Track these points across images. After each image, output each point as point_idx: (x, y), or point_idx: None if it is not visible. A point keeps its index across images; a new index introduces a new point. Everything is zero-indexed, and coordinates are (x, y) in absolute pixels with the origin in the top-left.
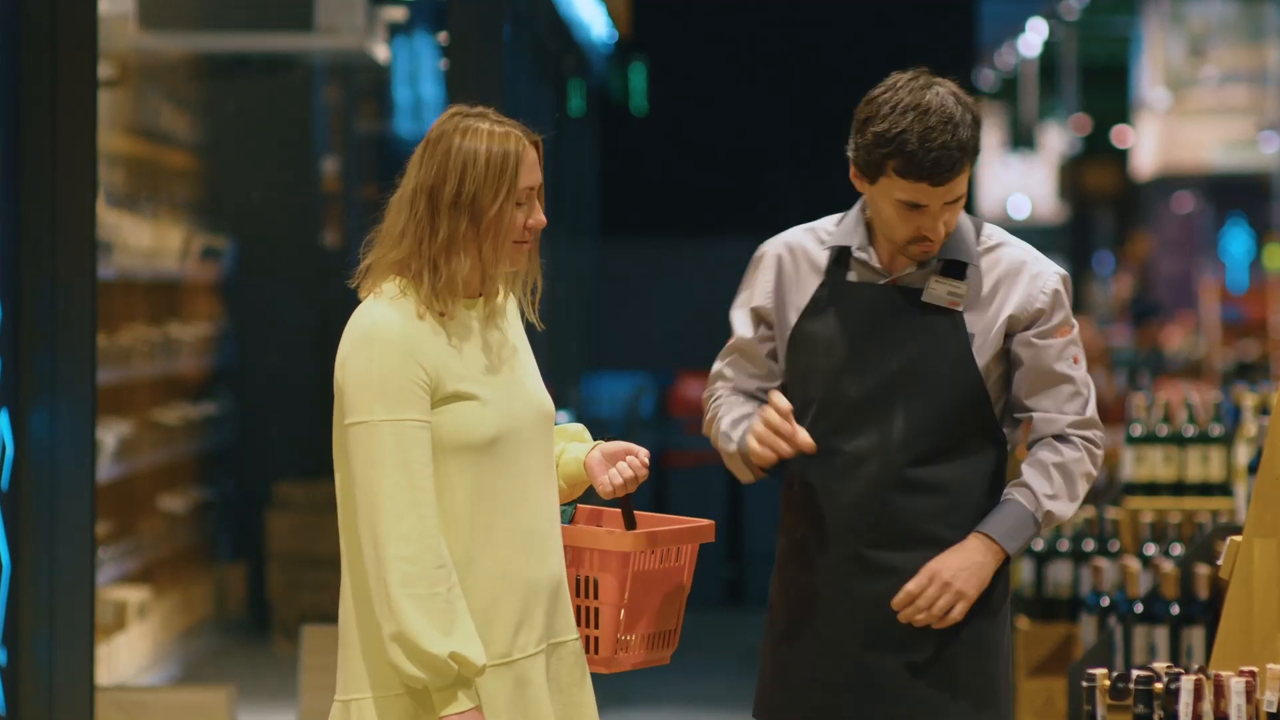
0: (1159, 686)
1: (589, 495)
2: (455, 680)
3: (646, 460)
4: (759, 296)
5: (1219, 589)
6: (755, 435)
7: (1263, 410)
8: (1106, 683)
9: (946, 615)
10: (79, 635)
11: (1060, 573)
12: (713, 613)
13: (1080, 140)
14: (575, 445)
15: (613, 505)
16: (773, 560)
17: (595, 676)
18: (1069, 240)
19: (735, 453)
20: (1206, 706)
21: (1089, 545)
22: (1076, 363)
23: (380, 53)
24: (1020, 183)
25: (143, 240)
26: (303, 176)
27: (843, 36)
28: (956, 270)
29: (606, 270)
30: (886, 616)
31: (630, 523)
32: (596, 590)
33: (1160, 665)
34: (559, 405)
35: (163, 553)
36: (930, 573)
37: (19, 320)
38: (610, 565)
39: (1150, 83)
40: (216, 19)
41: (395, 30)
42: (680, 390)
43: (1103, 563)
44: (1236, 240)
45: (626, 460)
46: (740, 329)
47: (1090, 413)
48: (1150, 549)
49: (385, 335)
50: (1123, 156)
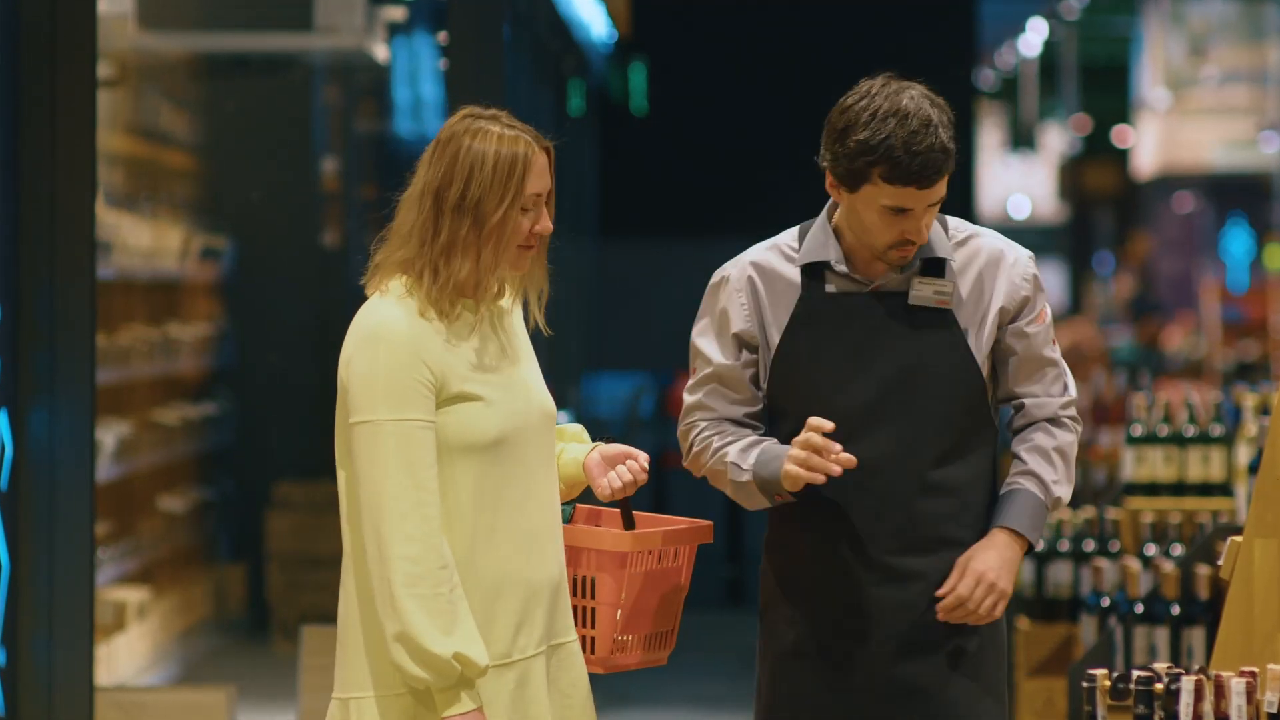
0: (1159, 687)
1: (588, 494)
2: (458, 681)
3: (646, 464)
4: (738, 321)
5: (1219, 589)
6: (796, 460)
7: (1263, 410)
8: (1107, 683)
9: (991, 613)
10: (78, 636)
11: (1060, 573)
12: (713, 613)
13: (1080, 140)
14: (574, 446)
15: (612, 505)
16: None
17: (594, 677)
18: (1069, 240)
19: (748, 482)
20: (1207, 707)
21: (1089, 545)
22: (1054, 343)
23: (380, 52)
24: (1020, 183)
25: (142, 240)
26: (302, 176)
27: (843, 36)
28: (935, 268)
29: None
30: (916, 621)
31: (629, 523)
32: (594, 590)
33: (1161, 666)
34: (559, 405)
35: (162, 553)
36: (976, 574)
37: (18, 320)
38: (608, 565)
39: (1151, 82)
40: (216, 19)
41: (395, 30)
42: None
43: (1103, 563)
44: (1237, 240)
45: (626, 464)
46: (717, 356)
47: (1072, 390)
48: (1151, 549)
49: (391, 335)
50: (1123, 156)
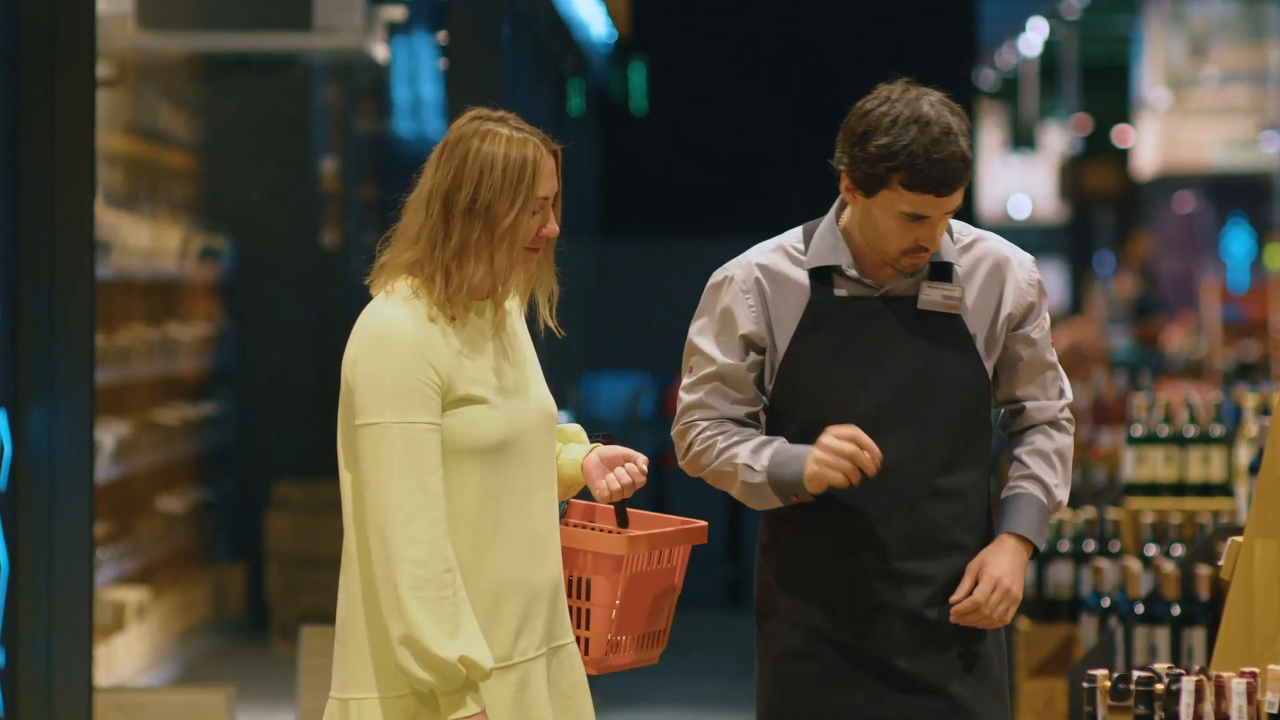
0: (1160, 687)
1: (585, 493)
2: (463, 684)
3: (645, 467)
4: (745, 322)
5: (1220, 590)
6: (823, 462)
7: (1264, 410)
8: (1107, 684)
9: (1004, 618)
10: (78, 636)
11: (1061, 573)
12: (713, 613)
13: (1081, 140)
14: (572, 446)
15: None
16: None
17: (593, 677)
18: (1069, 240)
19: (761, 483)
20: (1207, 707)
21: (1090, 546)
22: (1053, 345)
23: (379, 52)
24: (1021, 182)
25: (141, 240)
26: (302, 176)
27: (843, 36)
28: (943, 273)
29: (606, 270)
30: (921, 623)
31: (623, 522)
32: (589, 591)
33: (1161, 666)
34: (559, 405)
35: (161, 553)
36: (992, 580)
37: (17, 320)
38: (604, 567)
39: (1151, 82)
40: (215, 18)
41: (394, 30)
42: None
43: (1103, 563)
44: (1237, 240)
45: (625, 467)
46: (720, 356)
47: (1069, 393)
48: (1151, 549)
49: (398, 337)
50: (1123, 156)
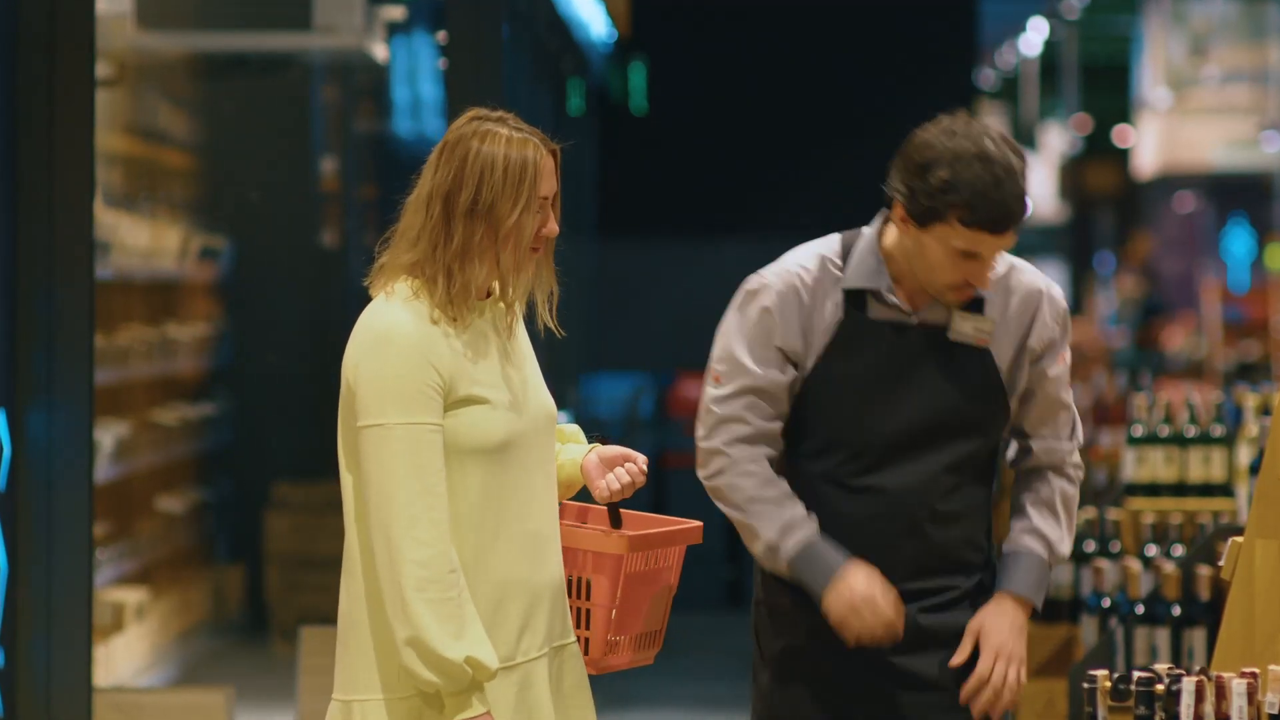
0: (1160, 688)
1: (582, 493)
2: (469, 685)
3: (645, 467)
4: (783, 335)
5: (1220, 590)
6: (847, 609)
7: (1264, 411)
8: (1108, 684)
9: (1015, 684)
10: (77, 636)
11: (1061, 574)
12: (713, 613)
13: (1081, 140)
14: (571, 446)
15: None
16: None
17: (593, 677)
18: (1069, 240)
19: (780, 568)
20: (1208, 708)
21: (1090, 546)
22: (1070, 385)
23: (379, 52)
24: None
25: (140, 240)
26: (301, 176)
27: (843, 37)
28: (976, 304)
29: (606, 270)
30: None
31: (616, 522)
32: (589, 591)
33: (1162, 667)
34: (559, 406)
35: (160, 554)
36: (992, 652)
37: (17, 320)
38: (604, 567)
39: (1151, 82)
40: (214, 18)
41: (394, 29)
42: (680, 390)
43: (1104, 564)
44: (1238, 240)
45: (625, 467)
46: (757, 368)
47: (1080, 436)
48: (1151, 550)
49: (400, 338)
50: (1124, 156)
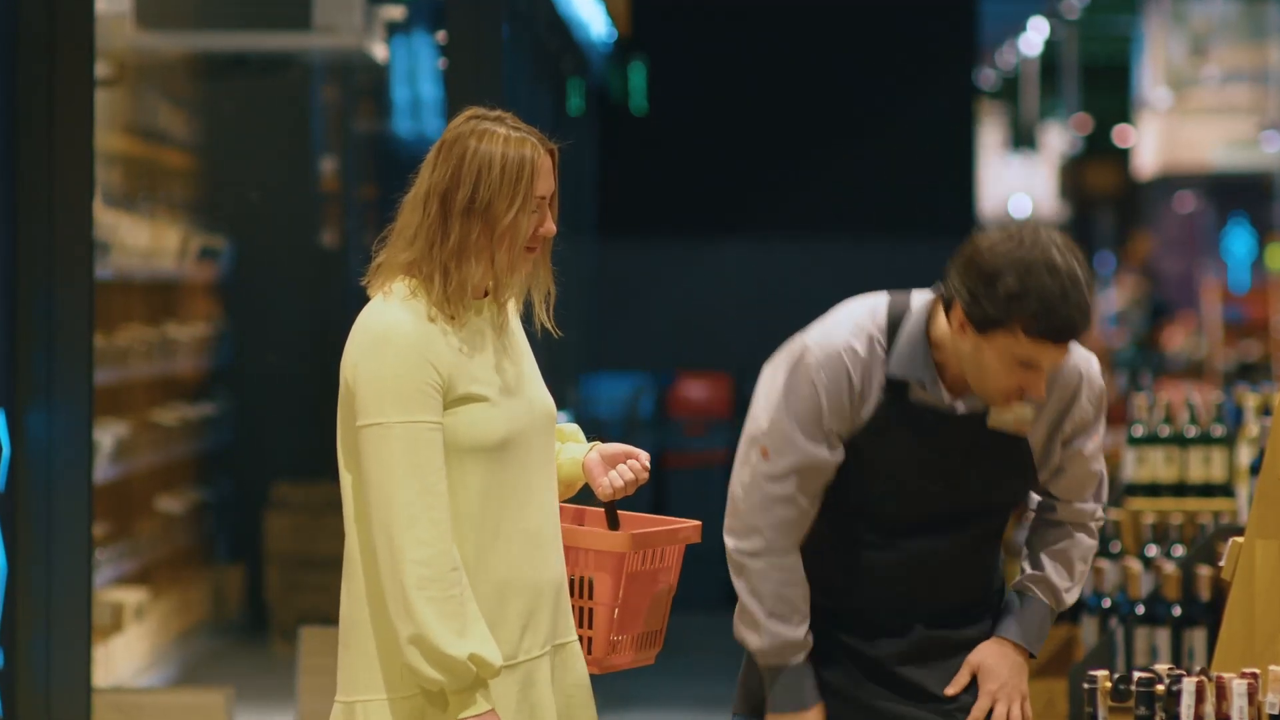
0: (1161, 688)
1: (583, 494)
2: (473, 682)
3: (647, 463)
4: (831, 417)
5: (1221, 590)
6: None
7: (1265, 411)
8: (1108, 684)
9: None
10: (76, 637)
11: None
12: (712, 613)
13: (1081, 140)
14: (571, 445)
15: (596, 504)
16: None
17: (594, 677)
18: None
19: (761, 664)
20: (1208, 708)
21: None
22: (1102, 453)
23: (379, 52)
24: (1021, 182)
25: (140, 240)
26: (301, 176)
27: (843, 36)
28: None
29: (606, 270)
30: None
31: (614, 523)
32: (591, 590)
33: (1162, 667)
34: (558, 406)
35: (160, 554)
36: (989, 696)
37: (16, 320)
38: (607, 565)
39: (1151, 82)
40: (214, 18)
41: (394, 29)
42: (680, 391)
43: (1104, 564)
44: (1238, 240)
45: (627, 464)
46: (809, 445)
47: (1105, 495)
48: (1152, 550)
49: (399, 338)
50: (1124, 156)
